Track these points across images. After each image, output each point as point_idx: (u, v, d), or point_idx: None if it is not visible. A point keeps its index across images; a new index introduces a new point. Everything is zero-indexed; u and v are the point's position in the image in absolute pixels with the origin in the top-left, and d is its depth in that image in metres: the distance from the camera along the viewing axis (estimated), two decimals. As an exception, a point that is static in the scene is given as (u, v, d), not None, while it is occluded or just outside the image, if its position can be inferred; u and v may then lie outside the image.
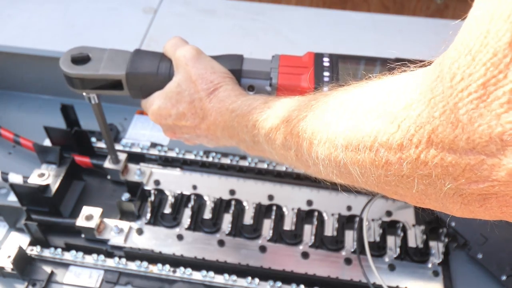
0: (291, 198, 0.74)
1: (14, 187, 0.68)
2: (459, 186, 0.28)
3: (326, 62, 0.55)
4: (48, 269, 0.66)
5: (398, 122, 0.30)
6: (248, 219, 0.70)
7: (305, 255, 0.68)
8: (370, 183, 0.36)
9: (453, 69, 0.27)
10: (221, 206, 0.72)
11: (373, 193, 0.72)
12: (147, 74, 0.57)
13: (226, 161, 0.77)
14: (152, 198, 0.72)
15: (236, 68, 0.56)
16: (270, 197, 0.74)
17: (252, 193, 0.74)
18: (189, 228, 0.70)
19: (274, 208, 0.72)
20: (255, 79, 0.57)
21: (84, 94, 0.60)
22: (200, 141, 0.59)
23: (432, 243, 0.70)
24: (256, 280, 0.65)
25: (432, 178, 0.29)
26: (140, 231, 0.70)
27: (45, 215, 0.70)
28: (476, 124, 0.26)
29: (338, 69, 0.55)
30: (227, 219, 0.71)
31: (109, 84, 0.58)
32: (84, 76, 0.56)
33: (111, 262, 0.66)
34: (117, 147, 0.78)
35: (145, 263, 0.66)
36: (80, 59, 0.56)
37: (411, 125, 0.29)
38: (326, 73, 0.54)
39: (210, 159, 0.77)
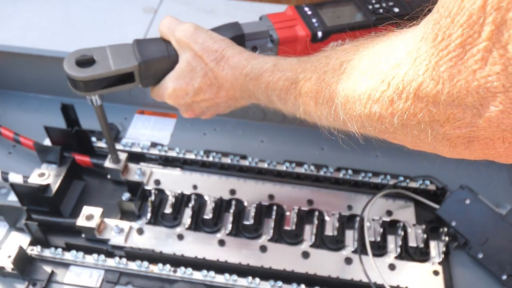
0: (292, 198, 0.74)
1: (14, 187, 0.68)
2: (446, 132, 0.32)
3: (308, 11, 0.62)
4: (48, 269, 0.66)
5: (388, 80, 0.34)
6: (248, 218, 0.70)
7: (305, 254, 0.68)
8: (369, 133, 0.40)
9: (435, 30, 0.30)
10: (221, 205, 0.72)
11: (373, 192, 0.73)
12: (160, 59, 0.58)
13: (226, 160, 0.77)
14: (153, 197, 0.72)
15: (240, 34, 0.60)
16: (271, 197, 0.74)
17: (252, 192, 0.74)
18: (189, 228, 0.70)
19: (275, 207, 0.72)
20: (257, 40, 0.61)
21: (87, 96, 0.60)
22: (220, 110, 0.63)
23: (433, 243, 0.70)
24: (257, 279, 0.65)
25: (422, 127, 0.33)
26: (140, 231, 0.70)
27: (46, 215, 0.69)
28: (455, 80, 0.29)
29: (320, 14, 0.62)
30: (227, 219, 0.71)
31: (120, 79, 0.58)
32: (97, 76, 0.56)
33: (111, 262, 0.66)
34: (118, 146, 0.78)
35: (145, 263, 0.66)
36: (86, 61, 0.56)
37: (399, 82, 0.33)
38: (314, 20, 0.61)
39: (211, 158, 0.77)
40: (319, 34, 0.60)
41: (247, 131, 0.86)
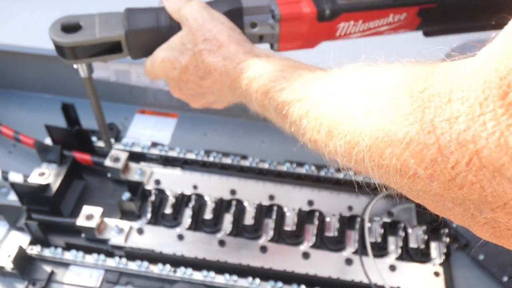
0: (292, 198, 0.74)
1: (14, 186, 0.68)
2: (495, 218, 0.25)
3: None
4: (48, 268, 0.66)
5: (437, 134, 0.26)
6: (249, 219, 0.70)
7: (306, 255, 0.68)
8: (391, 186, 0.32)
9: (503, 87, 0.23)
10: (222, 206, 0.72)
11: (374, 193, 0.73)
12: (147, 29, 0.55)
13: (227, 161, 0.77)
14: (153, 197, 0.72)
15: (237, 7, 0.55)
16: (271, 197, 0.74)
17: (253, 193, 0.74)
18: (189, 228, 0.70)
19: (275, 208, 0.72)
20: (256, 15, 0.56)
21: (75, 66, 0.58)
22: (209, 100, 0.59)
23: (433, 244, 0.69)
24: (257, 280, 0.65)
25: (466, 204, 0.26)
26: (140, 231, 0.70)
27: (46, 214, 0.69)
28: None
29: None
30: (228, 219, 0.71)
31: (107, 48, 0.55)
32: (79, 43, 0.54)
33: (111, 262, 0.66)
34: (118, 146, 0.78)
35: (145, 263, 0.66)
36: (71, 27, 0.54)
37: (452, 140, 0.25)
38: None
39: (211, 158, 0.77)
40: (327, 12, 0.54)
41: (248, 131, 0.86)
